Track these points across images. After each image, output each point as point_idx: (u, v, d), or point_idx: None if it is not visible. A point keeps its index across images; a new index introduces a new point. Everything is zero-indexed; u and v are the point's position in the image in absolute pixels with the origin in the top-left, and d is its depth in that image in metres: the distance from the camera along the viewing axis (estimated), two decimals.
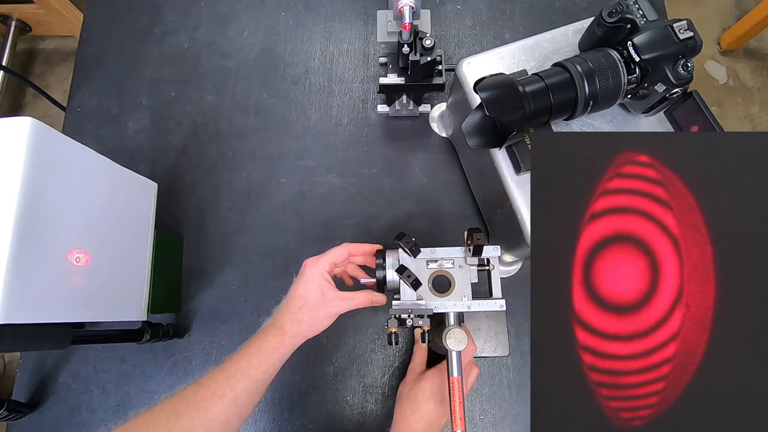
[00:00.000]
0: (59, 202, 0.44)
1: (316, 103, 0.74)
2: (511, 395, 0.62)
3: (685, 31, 0.43)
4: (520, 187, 0.50)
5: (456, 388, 0.45)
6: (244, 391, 0.43)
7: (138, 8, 0.79)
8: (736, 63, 1.59)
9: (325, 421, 0.62)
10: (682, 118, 0.48)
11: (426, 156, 0.71)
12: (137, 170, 0.57)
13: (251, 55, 0.76)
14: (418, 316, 0.46)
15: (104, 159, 0.51)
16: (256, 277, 0.67)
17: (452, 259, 0.50)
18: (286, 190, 0.70)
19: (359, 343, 0.64)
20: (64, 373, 0.63)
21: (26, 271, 0.40)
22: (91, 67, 0.76)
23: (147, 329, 0.58)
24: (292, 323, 0.46)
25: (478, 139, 0.48)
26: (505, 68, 0.53)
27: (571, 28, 0.54)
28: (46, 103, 1.05)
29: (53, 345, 0.46)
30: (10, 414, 0.59)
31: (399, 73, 0.59)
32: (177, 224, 0.69)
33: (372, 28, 0.77)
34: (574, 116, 0.46)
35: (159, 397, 0.44)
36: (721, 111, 1.55)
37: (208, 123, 0.73)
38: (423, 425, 0.49)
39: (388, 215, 0.69)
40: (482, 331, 0.62)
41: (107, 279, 0.50)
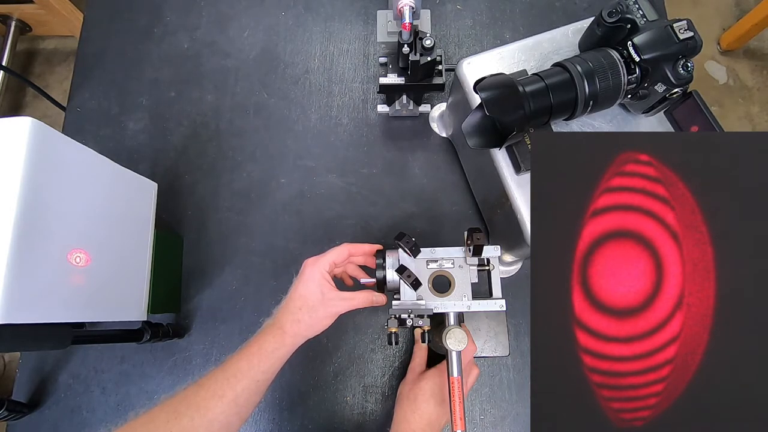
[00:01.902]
0: (59, 202, 0.44)
1: (316, 103, 0.74)
2: (511, 395, 0.62)
3: (685, 31, 0.43)
4: (520, 187, 0.50)
5: (456, 388, 0.45)
6: (244, 391, 0.43)
7: (138, 8, 0.79)
8: (736, 63, 1.59)
9: (325, 421, 0.62)
10: (682, 118, 0.48)
11: (426, 156, 0.71)
12: (137, 170, 0.57)
13: (251, 55, 0.76)
14: (418, 316, 0.46)
15: (104, 159, 0.51)
16: (256, 277, 0.67)
17: (452, 259, 0.50)
18: (286, 190, 0.70)
19: (359, 343, 0.64)
20: (64, 373, 0.63)
21: (26, 271, 0.40)
22: (91, 67, 0.76)
23: (147, 329, 0.58)
24: (292, 323, 0.46)
25: (478, 139, 0.48)
26: (505, 68, 0.53)
27: (571, 28, 0.54)
28: (46, 103, 1.05)
29: (53, 345, 0.46)
30: (10, 414, 0.59)
31: (399, 73, 0.59)
32: (177, 224, 0.69)
33: (372, 28, 0.77)
34: (574, 116, 0.46)
35: (159, 398, 0.44)
36: (721, 111, 1.55)
37: (208, 123, 0.73)
38: (423, 425, 0.49)
39: (388, 215, 0.69)
40: (482, 331, 0.62)
41: (107, 279, 0.50)
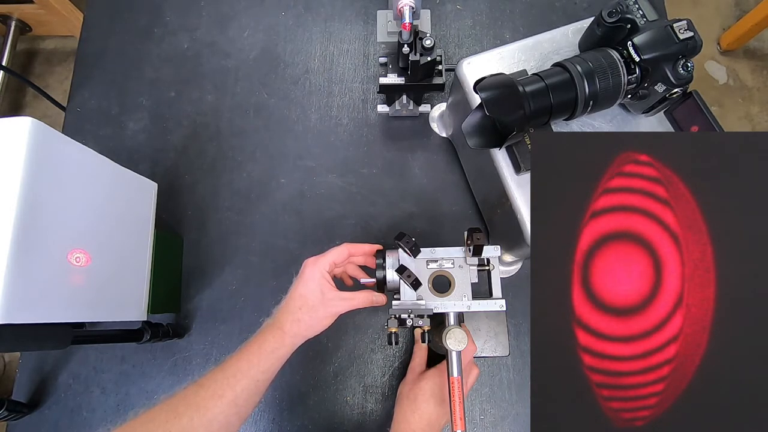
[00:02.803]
0: (59, 202, 0.44)
1: (316, 103, 0.74)
2: (511, 395, 0.62)
3: (685, 31, 0.43)
4: (520, 187, 0.50)
5: (456, 388, 0.45)
6: (244, 391, 0.43)
7: (138, 8, 0.79)
8: (736, 63, 1.59)
9: (325, 421, 0.62)
10: (682, 118, 0.48)
11: (426, 156, 0.71)
12: (137, 170, 0.57)
13: (251, 55, 0.76)
14: (418, 316, 0.46)
15: (104, 159, 0.51)
16: (256, 277, 0.67)
17: (452, 259, 0.50)
18: (286, 190, 0.70)
19: (359, 343, 0.64)
20: (64, 373, 0.63)
21: (26, 271, 0.40)
22: (91, 67, 0.76)
23: (147, 329, 0.58)
24: (292, 323, 0.46)
25: (478, 139, 0.48)
26: (505, 68, 0.53)
27: (571, 28, 0.54)
28: (46, 103, 1.05)
29: (53, 345, 0.46)
30: (10, 414, 0.59)
31: (399, 73, 0.59)
32: (177, 224, 0.69)
33: (372, 28, 0.77)
34: (574, 116, 0.46)
35: (159, 397, 0.44)
36: (721, 111, 1.55)
37: (208, 123, 0.73)
38: (423, 425, 0.49)
39: (388, 215, 0.69)
40: (482, 331, 0.62)
41: (107, 279, 0.50)
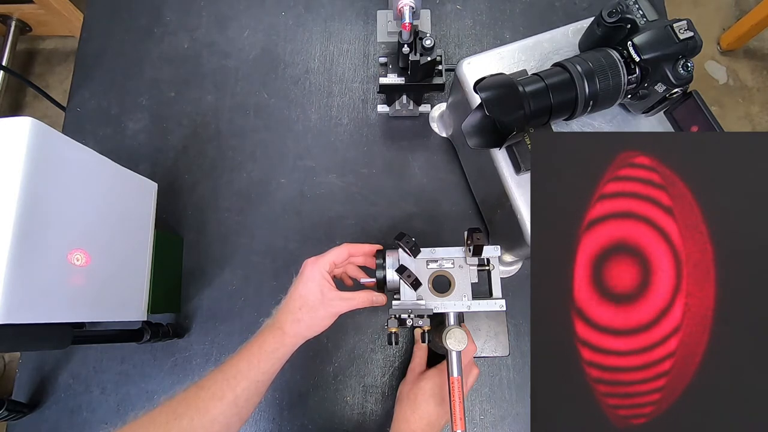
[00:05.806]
0: (59, 202, 0.44)
1: (316, 103, 0.74)
2: (511, 395, 0.62)
3: (685, 31, 0.43)
4: (520, 187, 0.50)
5: (456, 388, 0.45)
6: (244, 392, 0.43)
7: (138, 8, 0.79)
8: (736, 63, 1.59)
9: (325, 421, 0.62)
10: (682, 118, 0.48)
11: (426, 156, 0.71)
12: (137, 170, 0.57)
13: (251, 55, 0.76)
14: (418, 316, 0.46)
15: (104, 159, 0.51)
16: (256, 277, 0.67)
17: (452, 259, 0.50)
18: (286, 190, 0.70)
19: (359, 343, 0.64)
20: (64, 373, 0.63)
21: (26, 271, 0.40)
22: (91, 67, 0.76)
23: (147, 329, 0.58)
24: (292, 323, 0.46)
25: (478, 139, 0.48)
26: (505, 68, 0.53)
27: (571, 28, 0.54)
28: (46, 103, 1.05)
29: (53, 345, 0.46)
30: (10, 414, 0.59)
31: (399, 73, 0.59)
32: (177, 224, 0.69)
33: (372, 28, 0.77)
34: (574, 116, 0.46)
35: (159, 398, 0.44)
36: (721, 111, 1.55)
37: (208, 123, 0.73)
38: (423, 425, 0.48)
39: (388, 215, 0.69)
40: (482, 331, 0.62)
41: (107, 279, 0.50)
